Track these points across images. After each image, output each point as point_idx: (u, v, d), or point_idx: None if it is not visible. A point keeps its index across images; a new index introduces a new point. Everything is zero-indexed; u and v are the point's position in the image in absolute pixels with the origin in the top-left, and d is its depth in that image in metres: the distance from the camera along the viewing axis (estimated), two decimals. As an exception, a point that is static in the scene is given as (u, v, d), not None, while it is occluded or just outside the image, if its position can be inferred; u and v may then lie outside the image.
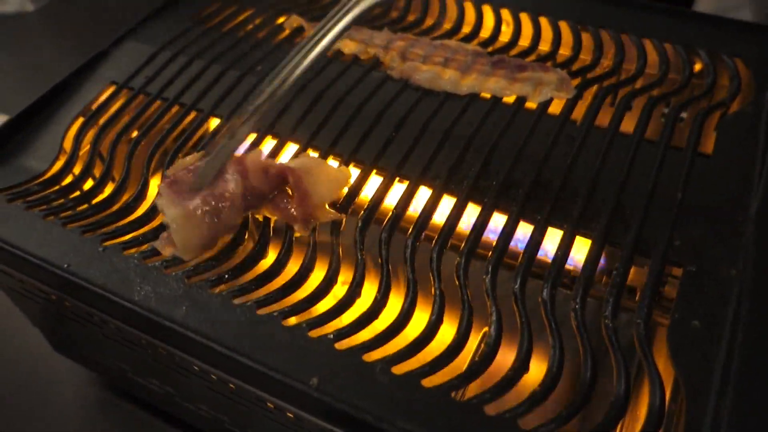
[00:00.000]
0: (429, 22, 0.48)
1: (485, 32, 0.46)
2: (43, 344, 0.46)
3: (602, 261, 0.31)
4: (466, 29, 0.46)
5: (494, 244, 0.32)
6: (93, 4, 0.90)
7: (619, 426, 0.27)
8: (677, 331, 0.28)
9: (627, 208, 0.32)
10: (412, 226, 0.33)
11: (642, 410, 0.27)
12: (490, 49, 0.44)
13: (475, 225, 0.33)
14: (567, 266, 0.32)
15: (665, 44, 0.42)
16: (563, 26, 0.44)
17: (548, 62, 0.42)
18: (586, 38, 0.43)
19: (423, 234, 0.33)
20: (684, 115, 0.38)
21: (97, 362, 0.44)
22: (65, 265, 0.33)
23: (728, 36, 0.42)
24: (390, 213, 0.34)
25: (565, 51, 0.43)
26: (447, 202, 0.34)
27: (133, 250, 0.33)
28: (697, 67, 0.41)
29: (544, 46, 0.44)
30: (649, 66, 0.41)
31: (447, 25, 0.47)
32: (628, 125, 0.37)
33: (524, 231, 0.33)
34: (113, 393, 0.47)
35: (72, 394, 0.47)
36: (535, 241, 0.32)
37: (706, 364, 0.27)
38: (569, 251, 0.31)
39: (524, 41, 0.45)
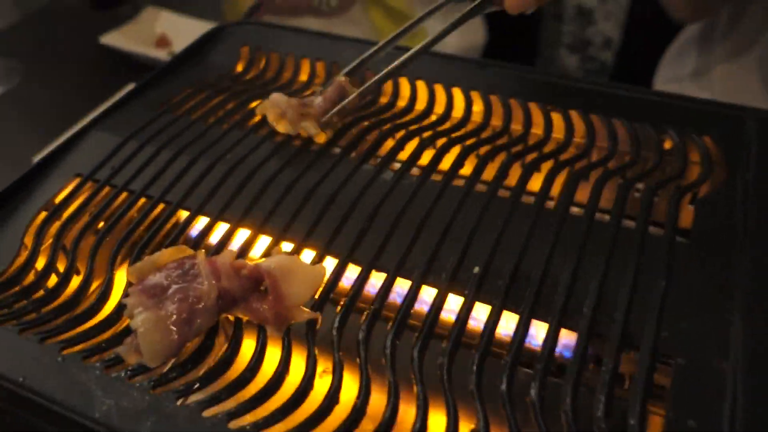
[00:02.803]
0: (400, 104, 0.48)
1: (456, 113, 0.46)
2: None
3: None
4: (439, 110, 0.46)
5: (479, 339, 0.31)
6: (61, 84, 0.89)
7: None
8: (673, 432, 0.27)
9: (610, 299, 0.31)
10: (391, 323, 0.32)
11: None
12: (462, 131, 0.44)
13: (457, 320, 0.31)
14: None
15: (634, 124, 0.42)
16: (533, 107, 0.44)
17: (520, 144, 0.42)
18: (557, 118, 0.43)
19: (403, 330, 0.32)
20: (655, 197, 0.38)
21: None
22: (20, 379, 0.30)
23: (695, 115, 0.43)
24: (367, 310, 0.32)
25: (536, 130, 0.44)
26: (427, 293, 0.33)
27: (95, 359, 0.31)
28: (667, 145, 0.42)
29: (516, 126, 0.44)
30: (620, 144, 0.42)
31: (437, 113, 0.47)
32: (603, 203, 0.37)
33: (507, 324, 0.32)
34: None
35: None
36: (520, 336, 0.31)
37: (706, 468, 0.26)
38: (555, 345, 0.30)
39: (496, 121, 0.45)
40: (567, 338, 0.32)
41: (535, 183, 0.39)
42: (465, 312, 0.32)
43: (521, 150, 0.41)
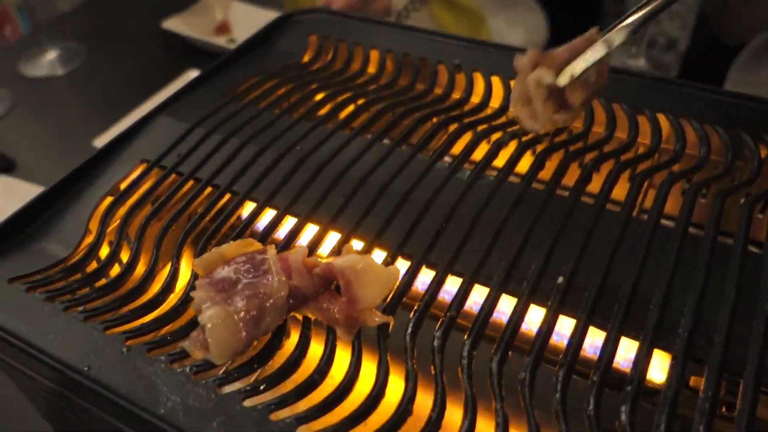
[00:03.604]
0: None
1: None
2: None
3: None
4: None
5: (563, 355, 0.28)
6: (121, 68, 0.90)
7: None
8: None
9: (709, 318, 0.29)
10: (468, 332, 0.30)
11: None
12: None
13: (539, 333, 0.29)
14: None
15: (705, 126, 0.39)
16: (617, 109, 0.42)
17: (604, 146, 0.39)
18: (642, 121, 0.41)
19: (480, 340, 0.30)
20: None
21: None
22: (85, 369, 0.29)
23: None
24: (442, 317, 0.30)
25: (620, 134, 0.41)
26: (506, 301, 0.31)
27: (159, 351, 0.30)
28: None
29: (598, 129, 0.41)
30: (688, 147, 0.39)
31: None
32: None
33: (593, 341, 0.30)
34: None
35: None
36: (608, 354, 0.28)
37: None
38: (648, 366, 0.28)
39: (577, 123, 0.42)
40: (656, 359, 0.30)
41: (621, 191, 0.36)
42: (548, 325, 0.30)
43: (602, 153, 0.39)
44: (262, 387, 0.29)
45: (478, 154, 0.39)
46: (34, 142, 0.77)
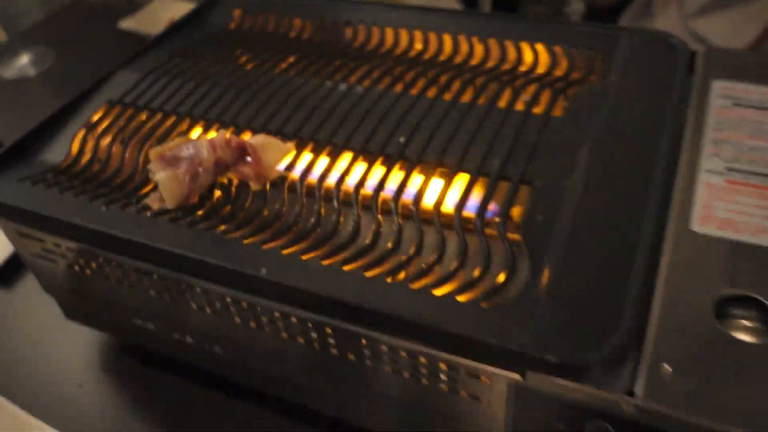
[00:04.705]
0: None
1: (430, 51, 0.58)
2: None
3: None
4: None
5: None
6: (87, 67, 1.03)
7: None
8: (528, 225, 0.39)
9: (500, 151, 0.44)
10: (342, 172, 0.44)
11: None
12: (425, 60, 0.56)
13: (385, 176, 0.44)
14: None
15: (554, 47, 0.54)
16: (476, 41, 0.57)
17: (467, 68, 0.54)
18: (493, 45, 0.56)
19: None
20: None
21: (117, 320, 0.53)
22: (90, 223, 0.43)
23: (587, 35, 0.55)
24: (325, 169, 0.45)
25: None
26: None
27: (132, 208, 0.44)
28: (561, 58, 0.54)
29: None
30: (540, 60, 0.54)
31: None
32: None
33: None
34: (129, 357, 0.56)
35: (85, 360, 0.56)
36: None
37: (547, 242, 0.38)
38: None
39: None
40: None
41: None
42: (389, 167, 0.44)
43: (466, 71, 0.54)
44: (199, 217, 0.43)
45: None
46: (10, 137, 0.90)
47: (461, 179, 0.43)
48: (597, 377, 0.32)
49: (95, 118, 0.54)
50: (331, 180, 0.44)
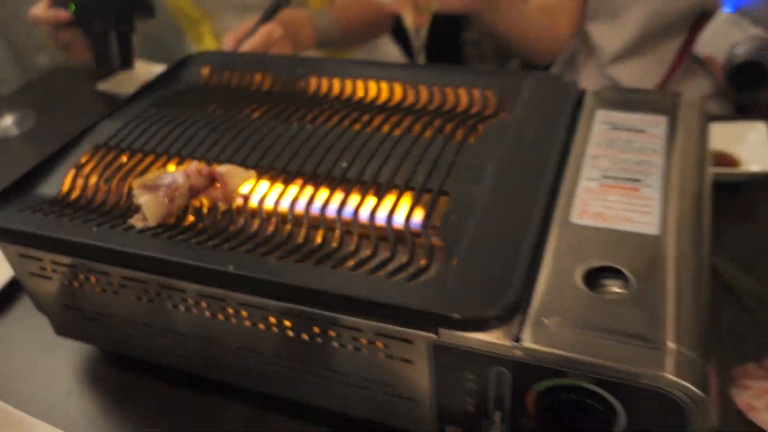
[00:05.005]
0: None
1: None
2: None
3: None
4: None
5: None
6: (67, 127, 1.12)
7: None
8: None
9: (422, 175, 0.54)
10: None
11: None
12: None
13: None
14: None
15: (473, 89, 0.65)
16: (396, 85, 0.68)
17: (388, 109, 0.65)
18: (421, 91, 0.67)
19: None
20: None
21: (104, 330, 0.60)
22: (85, 239, 0.51)
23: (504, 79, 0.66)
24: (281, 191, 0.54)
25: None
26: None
27: (123, 228, 0.53)
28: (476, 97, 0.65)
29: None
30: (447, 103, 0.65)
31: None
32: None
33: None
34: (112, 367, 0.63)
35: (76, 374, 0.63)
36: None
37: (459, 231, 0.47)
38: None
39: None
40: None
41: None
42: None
43: (399, 111, 0.64)
44: (177, 231, 0.51)
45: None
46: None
47: (394, 193, 0.53)
48: (493, 329, 0.41)
49: (83, 159, 0.63)
50: (287, 199, 0.53)
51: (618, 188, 0.51)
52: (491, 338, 0.41)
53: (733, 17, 0.93)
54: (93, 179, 0.60)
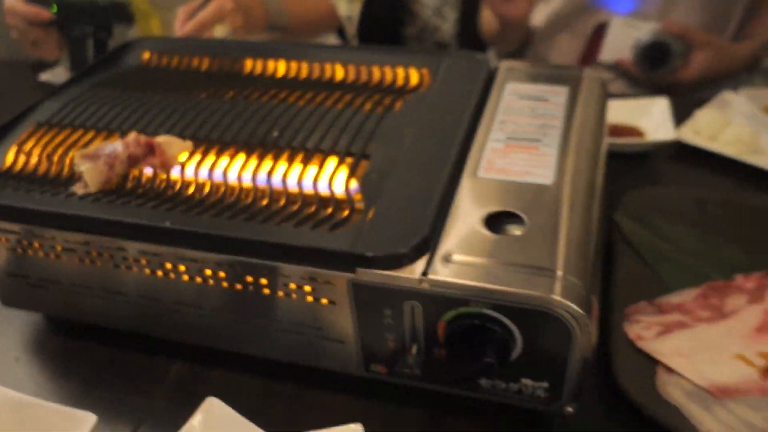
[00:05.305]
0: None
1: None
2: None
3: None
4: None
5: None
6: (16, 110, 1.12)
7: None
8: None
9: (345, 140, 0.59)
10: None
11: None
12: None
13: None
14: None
15: (398, 67, 0.71)
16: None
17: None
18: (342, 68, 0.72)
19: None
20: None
21: (50, 297, 0.63)
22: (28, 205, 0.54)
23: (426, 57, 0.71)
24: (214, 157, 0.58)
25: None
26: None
27: (67, 193, 0.56)
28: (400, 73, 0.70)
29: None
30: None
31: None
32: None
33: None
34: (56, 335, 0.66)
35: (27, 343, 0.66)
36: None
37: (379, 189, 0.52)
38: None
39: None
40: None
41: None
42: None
43: (331, 86, 0.69)
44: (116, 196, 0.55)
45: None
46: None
47: (319, 158, 0.58)
48: (403, 266, 0.46)
49: (25, 135, 0.65)
50: (221, 165, 0.57)
51: (520, 147, 0.56)
52: (402, 274, 0.46)
53: (627, 20, 1.02)
54: (35, 154, 0.63)
